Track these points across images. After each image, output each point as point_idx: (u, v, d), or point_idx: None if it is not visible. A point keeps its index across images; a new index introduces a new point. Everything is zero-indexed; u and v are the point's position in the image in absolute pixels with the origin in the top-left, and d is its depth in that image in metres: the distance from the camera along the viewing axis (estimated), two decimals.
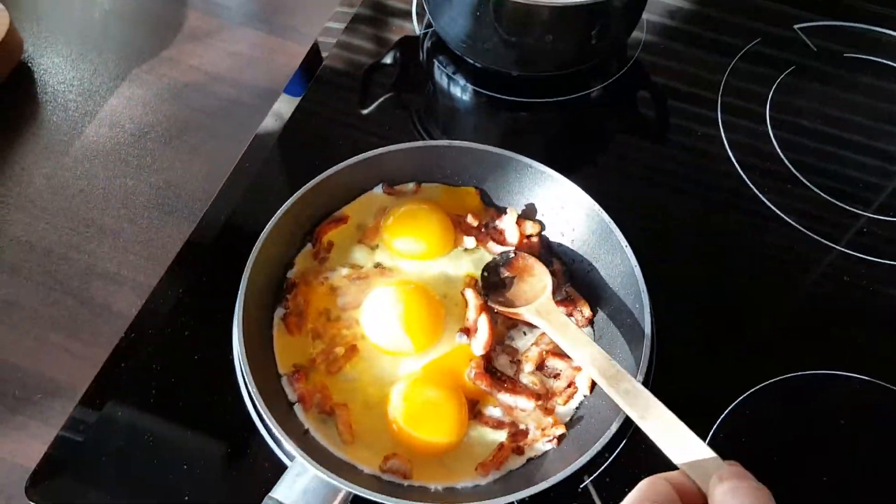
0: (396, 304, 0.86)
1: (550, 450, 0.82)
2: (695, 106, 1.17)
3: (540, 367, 0.87)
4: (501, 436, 0.82)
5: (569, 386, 0.86)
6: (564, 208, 0.95)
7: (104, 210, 1.01)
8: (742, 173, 1.08)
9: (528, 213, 0.98)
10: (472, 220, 0.96)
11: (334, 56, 1.18)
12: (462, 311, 0.89)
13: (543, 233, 0.97)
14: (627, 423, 0.77)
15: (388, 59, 1.22)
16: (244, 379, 0.80)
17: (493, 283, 0.90)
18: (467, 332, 0.87)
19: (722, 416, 0.86)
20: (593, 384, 0.85)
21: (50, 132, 1.07)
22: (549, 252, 0.96)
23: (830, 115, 1.18)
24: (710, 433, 0.85)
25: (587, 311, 0.90)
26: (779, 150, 1.12)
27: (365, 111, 1.15)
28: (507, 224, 0.96)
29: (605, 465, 0.82)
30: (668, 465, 0.78)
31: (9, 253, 0.96)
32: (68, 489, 0.80)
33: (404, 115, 1.15)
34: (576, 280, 0.94)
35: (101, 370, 0.86)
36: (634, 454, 0.82)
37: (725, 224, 1.05)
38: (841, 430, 0.88)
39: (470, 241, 0.94)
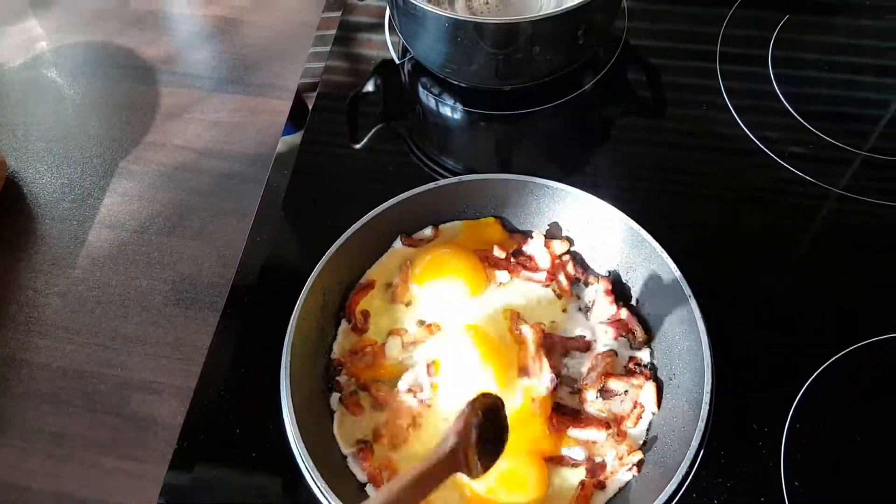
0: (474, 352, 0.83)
1: (632, 479, 0.80)
2: (692, 73, 1.14)
3: (602, 392, 0.85)
4: (580, 474, 0.80)
5: (635, 406, 0.84)
6: (590, 222, 0.92)
7: (125, 318, 0.99)
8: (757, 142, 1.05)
9: (554, 233, 0.95)
10: (498, 252, 0.93)
11: (319, 105, 1.14)
12: (510, 351, 0.87)
13: (574, 248, 0.95)
14: (703, 436, 0.76)
15: (370, 87, 1.19)
16: (308, 472, 0.77)
17: None
18: (527, 372, 0.84)
19: (798, 396, 0.84)
20: (660, 399, 0.83)
21: (52, 247, 1.04)
22: (585, 268, 0.94)
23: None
24: (789, 416, 0.83)
25: (640, 333, 0.87)
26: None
27: (358, 146, 1.11)
28: (536, 248, 0.93)
29: (688, 483, 0.80)
30: (751, 481, 0.77)
31: (43, 382, 0.94)
32: None
33: (399, 144, 1.12)
34: (619, 293, 0.91)
35: (164, 489, 0.84)
36: (714, 466, 0.81)
37: (756, 199, 1.02)
38: None
39: (503, 276, 0.91)
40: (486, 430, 0.67)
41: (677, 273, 0.83)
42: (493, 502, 0.77)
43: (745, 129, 1.06)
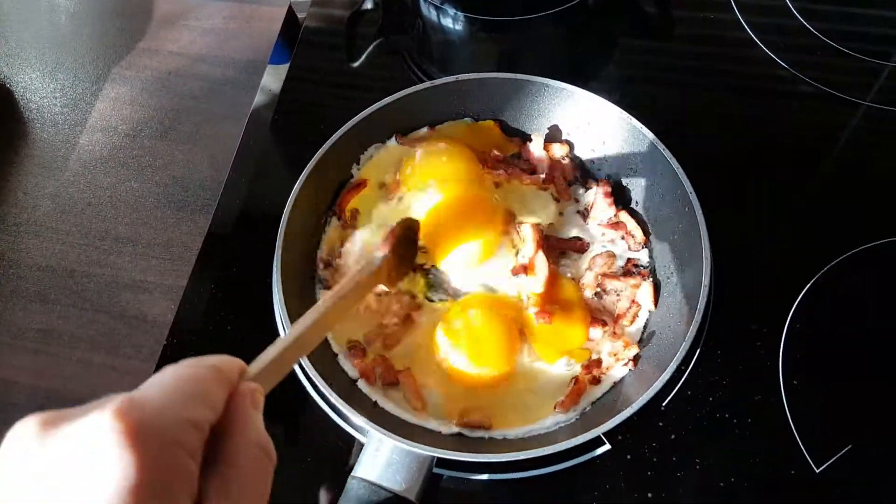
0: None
1: (628, 373, 0.78)
2: None
3: (599, 292, 0.83)
4: (576, 369, 0.79)
5: (632, 305, 0.82)
6: (591, 123, 0.89)
7: (116, 219, 0.97)
8: (767, 50, 1.02)
9: (554, 136, 0.93)
10: (497, 153, 0.90)
11: (312, 15, 1.11)
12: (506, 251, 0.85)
13: (574, 153, 0.92)
14: (700, 333, 0.74)
15: (368, 5, 1.15)
16: (300, 367, 0.76)
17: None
18: (524, 269, 0.82)
19: (799, 297, 0.82)
20: (656, 298, 0.81)
21: (44, 150, 1.03)
22: (585, 172, 0.91)
23: None
24: (789, 317, 0.81)
25: (639, 235, 0.85)
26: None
27: (355, 64, 1.09)
28: (534, 150, 0.90)
29: (683, 379, 0.78)
30: (748, 379, 0.75)
31: (32, 281, 0.93)
32: None
33: (397, 60, 1.09)
34: (619, 196, 0.89)
35: None
36: (710, 364, 0.79)
37: (758, 108, 0.99)
38: None
39: (500, 176, 0.89)
40: (403, 248, 0.74)
41: (679, 170, 0.81)
42: (466, 372, 0.76)
43: (750, 32, 1.03)
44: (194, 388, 0.42)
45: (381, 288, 0.73)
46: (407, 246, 0.76)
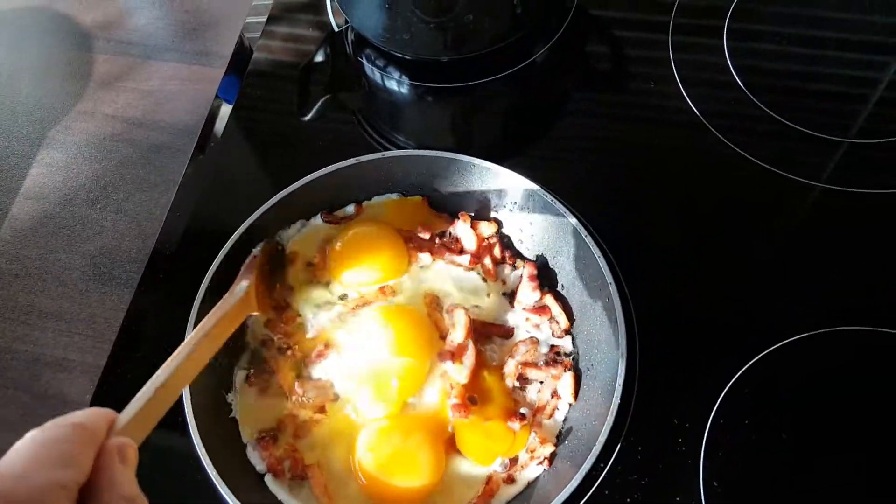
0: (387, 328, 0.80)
1: (542, 472, 0.76)
2: (644, 45, 1.08)
3: (521, 382, 0.81)
4: (488, 468, 0.76)
5: (553, 396, 0.79)
6: (517, 203, 0.87)
7: (42, 292, 0.96)
8: (704, 120, 0.99)
9: (482, 213, 0.90)
10: (423, 234, 0.88)
11: (260, 61, 1.10)
12: (429, 334, 0.82)
13: (503, 230, 0.90)
14: (618, 427, 0.72)
15: (319, 58, 1.14)
16: (204, 462, 0.74)
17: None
18: (451, 356, 0.79)
19: (723, 393, 0.79)
20: (576, 391, 0.79)
21: None
22: (514, 253, 0.89)
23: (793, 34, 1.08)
24: (712, 413, 0.78)
25: (564, 321, 0.83)
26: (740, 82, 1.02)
27: (306, 118, 1.07)
28: (462, 231, 0.88)
29: (601, 478, 0.76)
30: (668, 480, 0.73)
31: None
32: None
33: (347, 117, 1.07)
34: (545, 279, 0.87)
35: None
36: (630, 461, 0.76)
37: (697, 187, 0.96)
38: (855, 389, 0.81)
39: (425, 258, 0.87)
40: (270, 272, 0.77)
41: (600, 259, 0.79)
42: (389, 486, 0.73)
43: (691, 103, 1.00)
44: (57, 449, 0.42)
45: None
46: (273, 267, 0.80)
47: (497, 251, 0.88)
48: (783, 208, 0.93)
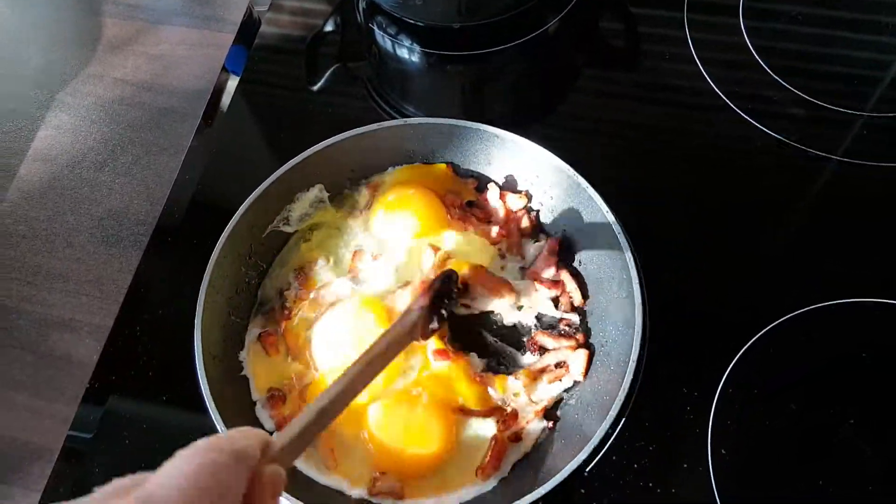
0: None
1: (552, 435, 0.75)
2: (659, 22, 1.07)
3: (539, 350, 0.81)
4: (492, 427, 0.76)
5: (559, 365, 0.79)
6: (539, 176, 0.86)
7: (50, 253, 0.95)
8: (728, 101, 0.98)
9: (510, 185, 0.89)
10: (453, 197, 0.88)
11: (267, 34, 1.09)
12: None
13: (530, 205, 0.89)
14: (628, 394, 0.71)
15: (329, 27, 1.13)
16: (214, 418, 0.74)
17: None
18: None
19: (733, 363, 0.79)
20: (588, 368, 0.78)
21: None
22: (539, 226, 0.88)
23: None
24: (721, 381, 0.78)
25: (578, 298, 0.82)
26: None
27: (315, 87, 1.06)
28: (493, 200, 0.87)
29: (609, 443, 0.75)
30: (675, 446, 0.72)
31: None
32: None
33: (357, 87, 1.06)
34: (564, 255, 0.86)
35: (72, 426, 0.81)
36: (638, 428, 0.76)
37: (713, 160, 0.95)
38: (865, 361, 0.80)
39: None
40: (439, 302, 0.73)
41: (619, 232, 0.78)
42: (398, 455, 0.73)
43: (711, 82, 0.99)
44: (213, 482, 0.40)
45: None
46: (443, 297, 0.74)
47: (526, 223, 0.87)
48: (803, 182, 0.92)
